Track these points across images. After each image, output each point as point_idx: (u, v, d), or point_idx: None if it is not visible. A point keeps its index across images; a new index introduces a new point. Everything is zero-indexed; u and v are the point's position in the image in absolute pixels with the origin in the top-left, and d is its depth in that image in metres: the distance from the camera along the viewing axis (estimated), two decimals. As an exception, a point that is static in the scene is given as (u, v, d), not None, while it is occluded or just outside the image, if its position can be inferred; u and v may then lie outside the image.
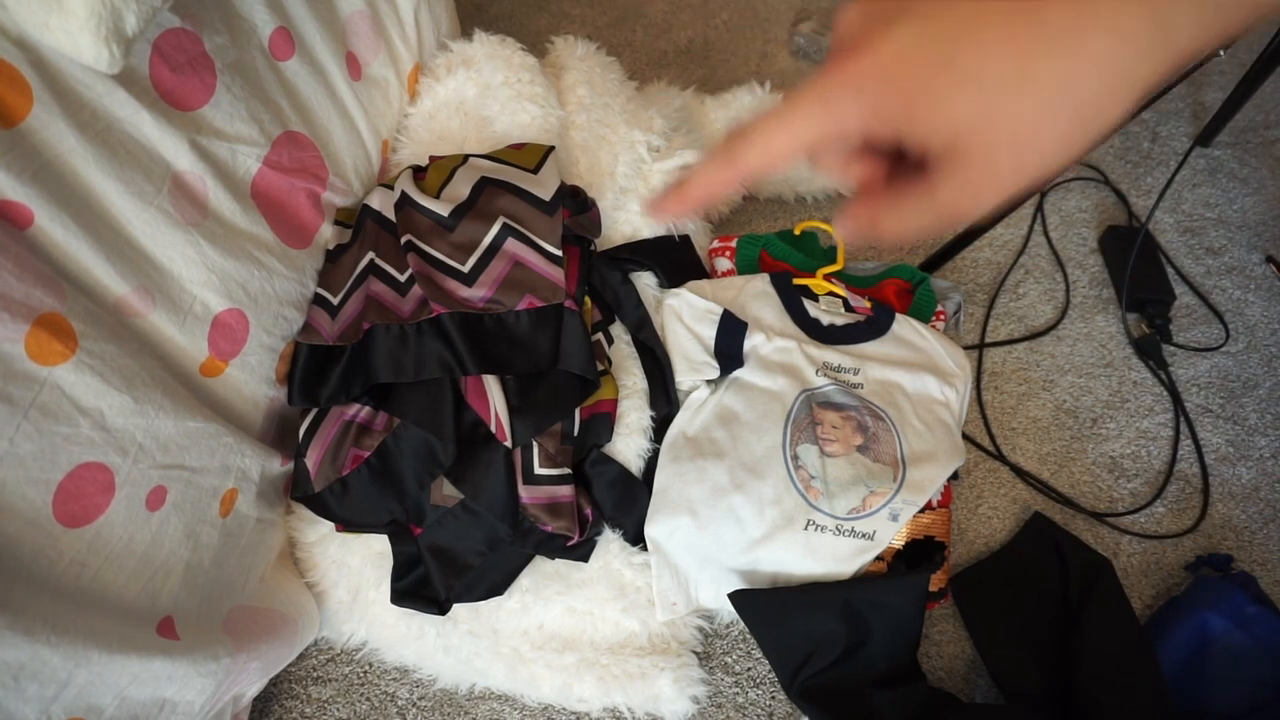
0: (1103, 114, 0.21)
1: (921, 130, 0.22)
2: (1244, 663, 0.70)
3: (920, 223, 0.24)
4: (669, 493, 0.72)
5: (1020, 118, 0.21)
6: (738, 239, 0.89)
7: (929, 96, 0.22)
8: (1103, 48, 0.20)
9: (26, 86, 0.47)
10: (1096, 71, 0.20)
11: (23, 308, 0.46)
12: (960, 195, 0.23)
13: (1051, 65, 0.20)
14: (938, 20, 0.21)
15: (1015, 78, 0.21)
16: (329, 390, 0.68)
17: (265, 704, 0.75)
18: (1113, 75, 0.20)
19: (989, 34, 0.21)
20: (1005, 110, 0.21)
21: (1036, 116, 0.21)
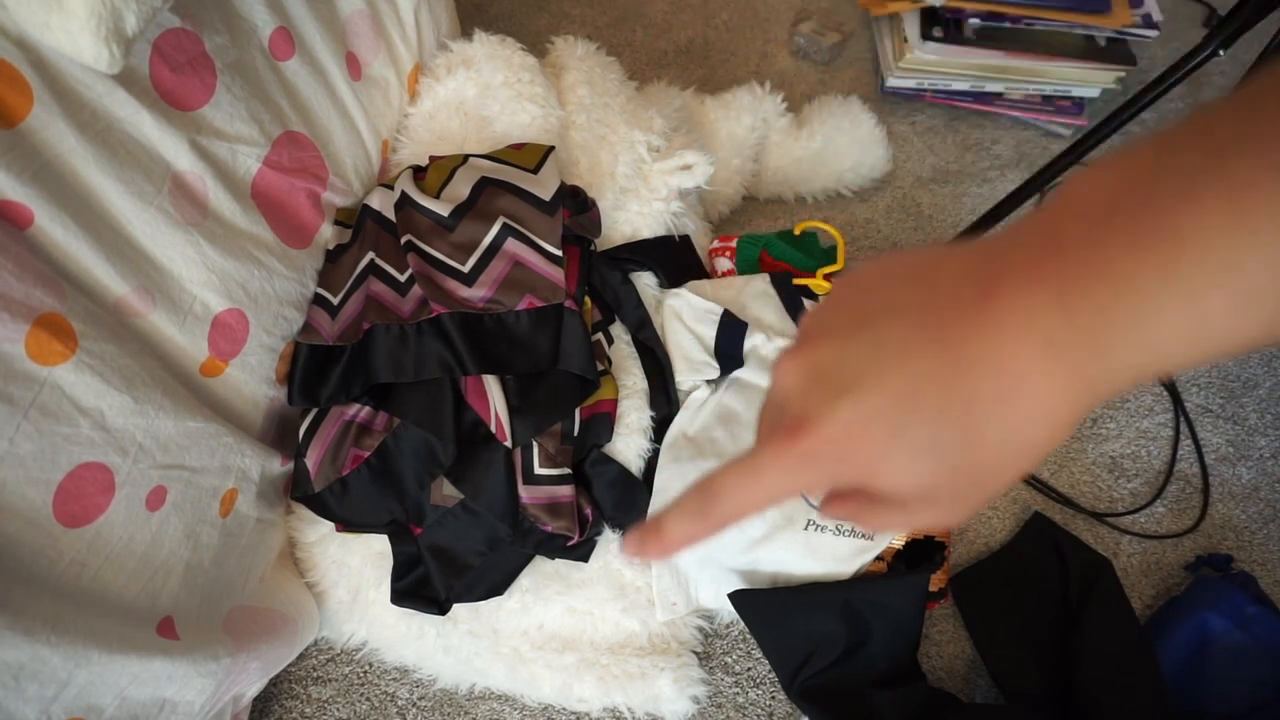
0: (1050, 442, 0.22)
1: (885, 488, 0.24)
2: (1244, 663, 0.70)
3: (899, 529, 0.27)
4: (669, 493, 0.72)
5: (978, 468, 0.23)
6: (738, 239, 0.89)
7: (887, 464, 0.23)
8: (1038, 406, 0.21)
9: (26, 86, 0.47)
10: (1035, 425, 0.22)
11: (23, 308, 0.46)
12: (936, 520, 0.25)
13: (995, 427, 0.22)
14: (876, 395, 0.22)
15: (963, 441, 0.22)
16: (329, 390, 0.68)
17: (265, 704, 0.75)
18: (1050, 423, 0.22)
19: (929, 408, 0.22)
20: (961, 468, 0.23)
21: (992, 463, 0.22)
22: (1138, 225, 0.19)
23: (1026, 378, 0.21)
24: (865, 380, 0.23)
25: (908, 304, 0.23)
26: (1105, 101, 1.12)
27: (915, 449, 0.22)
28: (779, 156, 1.02)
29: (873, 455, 0.23)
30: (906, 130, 1.14)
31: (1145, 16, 1.07)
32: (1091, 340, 0.20)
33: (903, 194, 1.08)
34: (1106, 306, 0.19)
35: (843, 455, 0.23)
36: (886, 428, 0.22)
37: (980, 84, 1.11)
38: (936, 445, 0.22)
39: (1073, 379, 0.21)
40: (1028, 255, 0.21)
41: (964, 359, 0.21)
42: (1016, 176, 1.08)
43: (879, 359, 0.23)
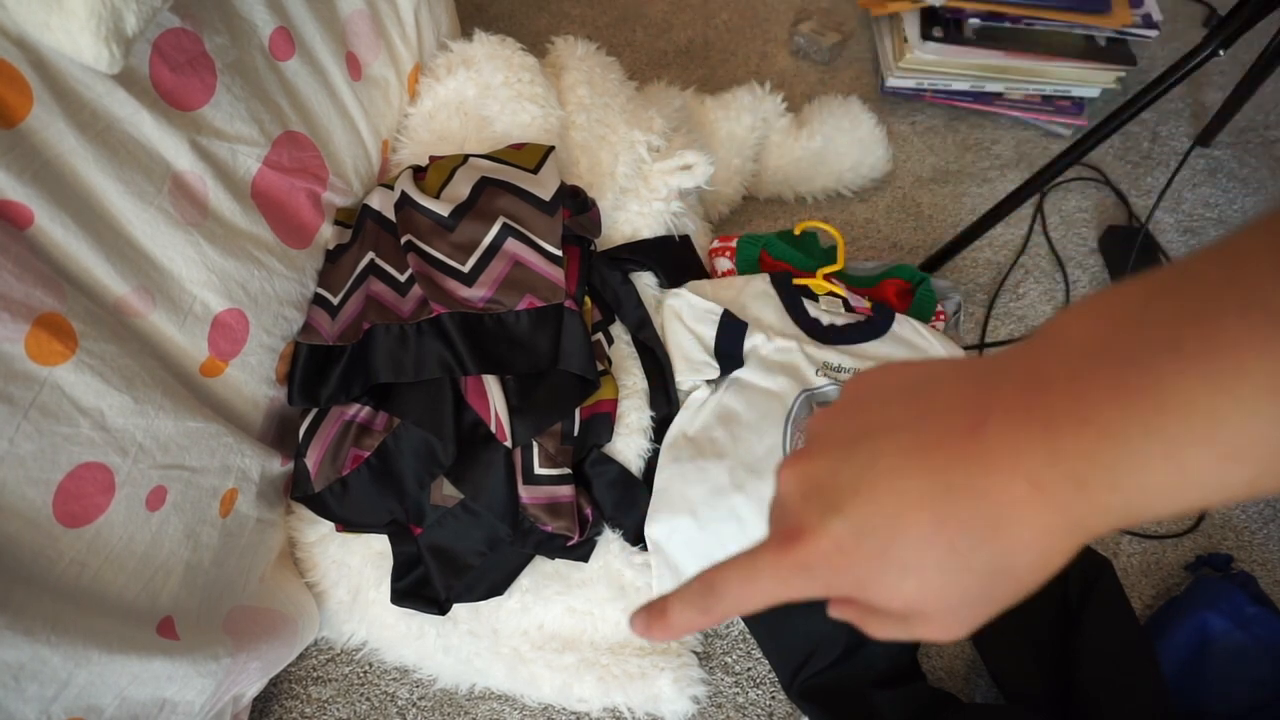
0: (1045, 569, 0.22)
1: (878, 603, 0.24)
2: (1244, 663, 0.70)
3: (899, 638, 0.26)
4: (669, 493, 0.72)
5: (966, 592, 0.23)
6: (738, 239, 0.89)
7: (877, 581, 0.24)
8: (1024, 541, 0.22)
9: (26, 86, 0.47)
10: (1025, 554, 0.22)
11: (23, 308, 0.46)
12: (930, 635, 0.25)
13: (983, 554, 0.22)
14: (867, 513, 0.23)
15: (952, 564, 0.22)
16: (329, 390, 0.68)
17: (265, 704, 0.75)
18: (1041, 554, 0.22)
19: (919, 529, 0.22)
20: (949, 589, 0.23)
21: (980, 588, 0.23)
22: (1122, 376, 0.19)
23: (1013, 510, 0.21)
24: (858, 497, 0.23)
25: (902, 423, 0.24)
26: (1105, 101, 1.12)
27: (904, 569, 0.23)
28: (779, 156, 1.02)
29: (863, 571, 0.24)
30: (906, 130, 1.14)
31: (1145, 16, 1.07)
32: (1077, 484, 0.20)
33: (903, 194, 1.08)
34: (1090, 453, 0.20)
35: (835, 568, 0.24)
36: (876, 546, 0.23)
37: (980, 84, 1.11)
38: (924, 567, 0.23)
39: (1060, 517, 0.21)
40: (1015, 391, 0.22)
41: (953, 485, 0.22)
42: (1016, 176, 1.08)
43: (871, 478, 0.23)
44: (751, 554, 0.26)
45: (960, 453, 0.22)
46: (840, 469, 0.24)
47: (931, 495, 0.22)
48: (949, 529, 0.22)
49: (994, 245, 1.03)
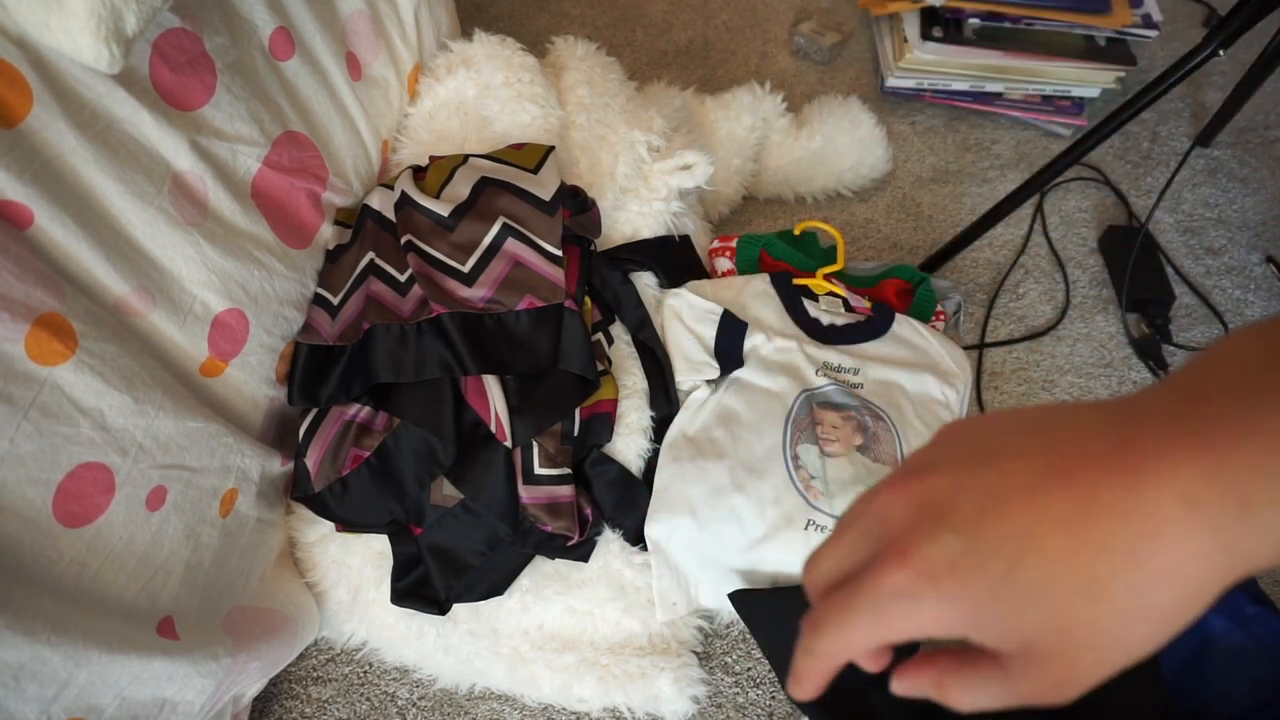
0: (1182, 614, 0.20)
1: (992, 638, 0.22)
2: (1244, 662, 0.70)
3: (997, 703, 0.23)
4: (669, 493, 0.72)
5: (1097, 625, 0.21)
6: (738, 239, 0.89)
7: (994, 608, 0.21)
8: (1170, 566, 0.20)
9: (26, 86, 0.47)
10: (1167, 584, 0.20)
11: (23, 308, 0.46)
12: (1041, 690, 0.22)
13: (1121, 583, 0.20)
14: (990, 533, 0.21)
15: (1087, 591, 0.20)
16: (329, 390, 0.68)
17: (265, 704, 0.75)
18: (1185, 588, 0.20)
19: (1052, 547, 0.20)
20: (1081, 620, 0.20)
21: (1114, 624, 0.21)
22: None
23: (1163, 532, 0.19)
24: (985, 515, 0.21)
25: (1032, 448, 0.22)
26: (1105, 101, 1.12)
27: (1030, 594, 0.20)
28: (779, 156, 1.02)
29: (981, 595, 0.21)
30: (906, 130, 1.14)
31: (1145, 16, 1.07)
32: (1239, 501, 0.19)
33: (903, 194, 1.08)
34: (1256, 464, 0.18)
35: (946, 594, 0.21)
36: (1002, 566, 0.21)
37: (980, 84, 1.11)
38: (1055, 593, 0.20)
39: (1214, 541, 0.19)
40: (1167, 412, 0.20)
41: (1095, 504, 0.20)
42: (1016, 176, 1.08)
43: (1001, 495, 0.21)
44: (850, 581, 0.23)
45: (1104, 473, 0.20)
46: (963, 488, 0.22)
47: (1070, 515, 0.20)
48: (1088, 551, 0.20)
49: (994, 245, 1.03)
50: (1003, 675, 0.22)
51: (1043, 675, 0.22)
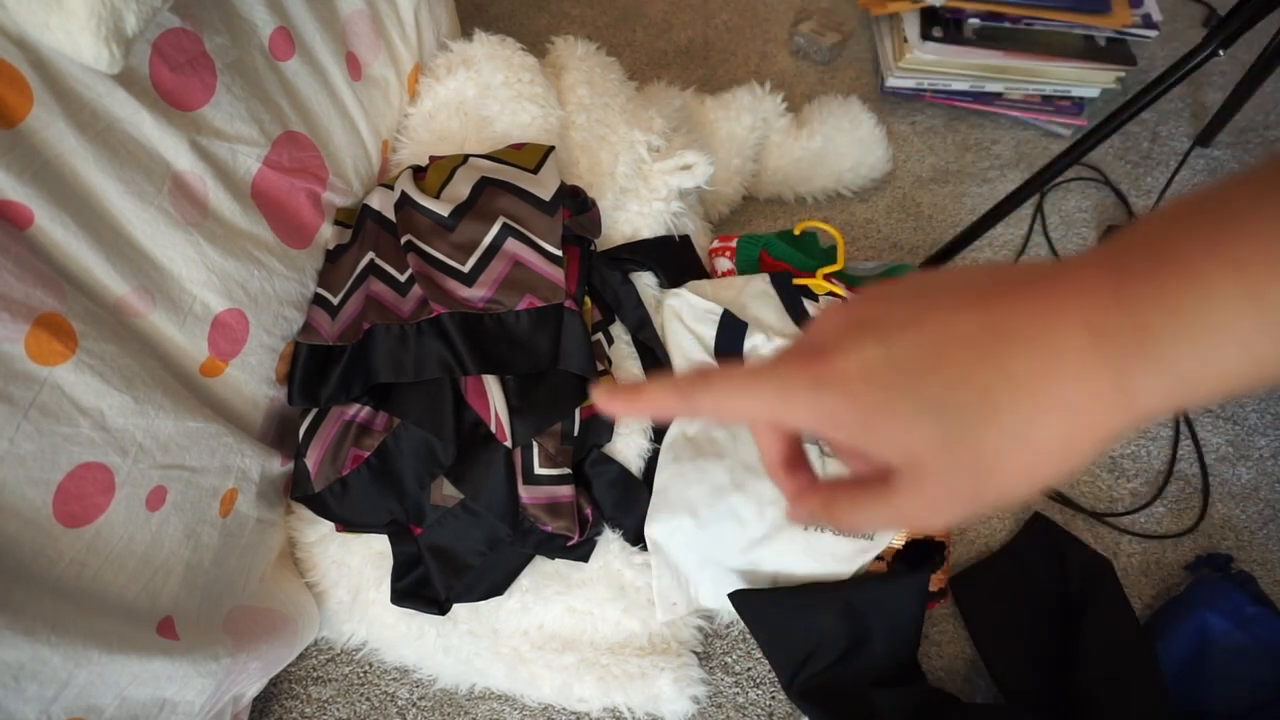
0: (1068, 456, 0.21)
1: (879, 446, 0.22)
2: (1244, 662, 0.70)
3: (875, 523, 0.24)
4: (669, 493, 0.72)
5: (981, 447, 0.21)
6: (738, 239, 0.89)
7: (889, 417, 0.22)
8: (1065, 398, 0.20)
9: (26, 86, 0.47)
10: (1058, 418, 0.20)
11: (23, 308, 0.46)
12: (916, 509, 0.23)
13: (1013, 405, 0.20)
14: (907, 345, 0.22)
15: (979, 410, 0.21)
16: (329, 390, 0.68)
17: (265, 704, 0.75)
18: (1075, 423, 0.20)
19: (954, 368, 0.21)
20: (965, 440, 0.21)
21: (997, 449, 0.21)
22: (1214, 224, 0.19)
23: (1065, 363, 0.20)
24: (906, 330, 0.22)
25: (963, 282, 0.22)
26: (1105, 101, 1.12)
27: (925, 406, 0.21)
28: (779, 156, 1.02)
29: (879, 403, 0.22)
30: (906, 130, 1.14)
31: (1145, 16, 1.07)
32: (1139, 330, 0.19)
33: (903, 194, 1.08)
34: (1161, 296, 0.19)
35: (852, 394, 0.22)
36: (905, 377, 0.21)
37: (980, 84, 1.11)
38: (946, 409, 0.21)
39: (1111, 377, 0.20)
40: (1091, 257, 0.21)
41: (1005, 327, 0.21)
42: (1016, 176, 1.08)
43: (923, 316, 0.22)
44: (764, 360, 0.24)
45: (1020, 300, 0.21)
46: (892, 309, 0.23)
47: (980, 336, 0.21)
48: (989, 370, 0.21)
49: (994, 245, 1.03)
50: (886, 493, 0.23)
51: (920, 493, 0.22)
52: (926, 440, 0.21)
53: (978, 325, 0.21)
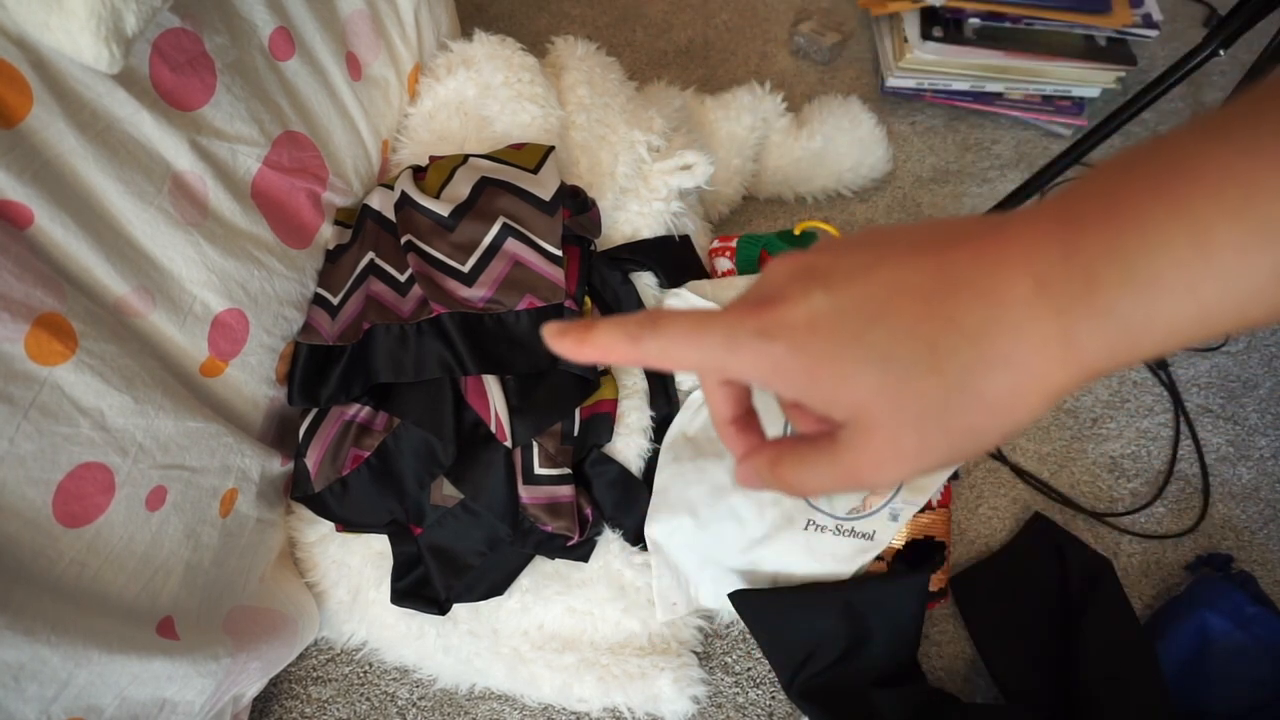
0: (1015, 410, 0.20)
1: (823, 398, 0.22)
2: (1244, 663, 0.70)
3: (824, 484, 0.24)
4: (669, 493, 0.72)
5: (926, 399, 0.21)
6: (738, 239, 0.89)
7: (834, 368, 0.21)
8: (1010, 351, 0.20)
9: (26, 86, 0.47)
10: (1004, 372, 0.20)
11: (23, 307, 0.46)
12: (862, 465, 0.22)
13: (958, 357, 0.20)
14: (854, 295, 0.22)
15: (925, 361, 0.20)
16: (329, 390, 0.68)
17: (265, 704, 0.75)
18: (1020, 376, 0.20)
19: (900, 318, 0.21)
20: (909, 392, 0.21)
21: (943, 402, 0.21)
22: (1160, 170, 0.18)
23: (1011, 313, 0.20)
24: (854, 280, 0.22)
25: (919, 234, 0.22)
26: (1105, 101, 1.12)
27: (869, 356, 0.21)
28: (779, 156, 1.02)
29: (824, 353, 0.21)
30: (906, 130, 1.14)
31: (1145, 16, 1.07)
32: (1086, 279, 0.19)
33: (903, 194, 1.08)
34: (1108, 243, 0.18)
35: (797, 344, 0.22)
36: (851, 327, 0.21)
37: (980, 84, 1.11)
38: (891, 360, 0.21)
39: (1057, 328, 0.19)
40: (1045, 205, 0.20)
41: (954, 278, 0.20)
42: (1016, 176, 1.08)
43: (872, 266, 0.22)
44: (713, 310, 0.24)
45: (968, 251, 0.21)
46: (841, 260, 0.22)
47: (928, 288, 0.21)
48: (936, 322, 0.20)
49: (994, 245, 1.02)
50: (833, 448, 0.22)
51: (867, 448, 0.22)
52: (871, 391, 0.21)
53: (926, 275, 0.21)
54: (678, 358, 0.24)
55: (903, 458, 0.22)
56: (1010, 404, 0.20)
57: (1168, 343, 0.19)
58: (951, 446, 0.21)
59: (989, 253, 0.20)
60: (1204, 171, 0.18)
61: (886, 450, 0.22)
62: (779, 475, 0.25)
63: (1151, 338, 0.19)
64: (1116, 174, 0.19)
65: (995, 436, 0.21)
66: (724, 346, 0.23)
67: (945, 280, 0.21)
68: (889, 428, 0.21)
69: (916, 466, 0.22)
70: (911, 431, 0.21)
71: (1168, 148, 0.19)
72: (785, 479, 0.24)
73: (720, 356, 0.23)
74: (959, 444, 0.21)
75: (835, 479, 0.23)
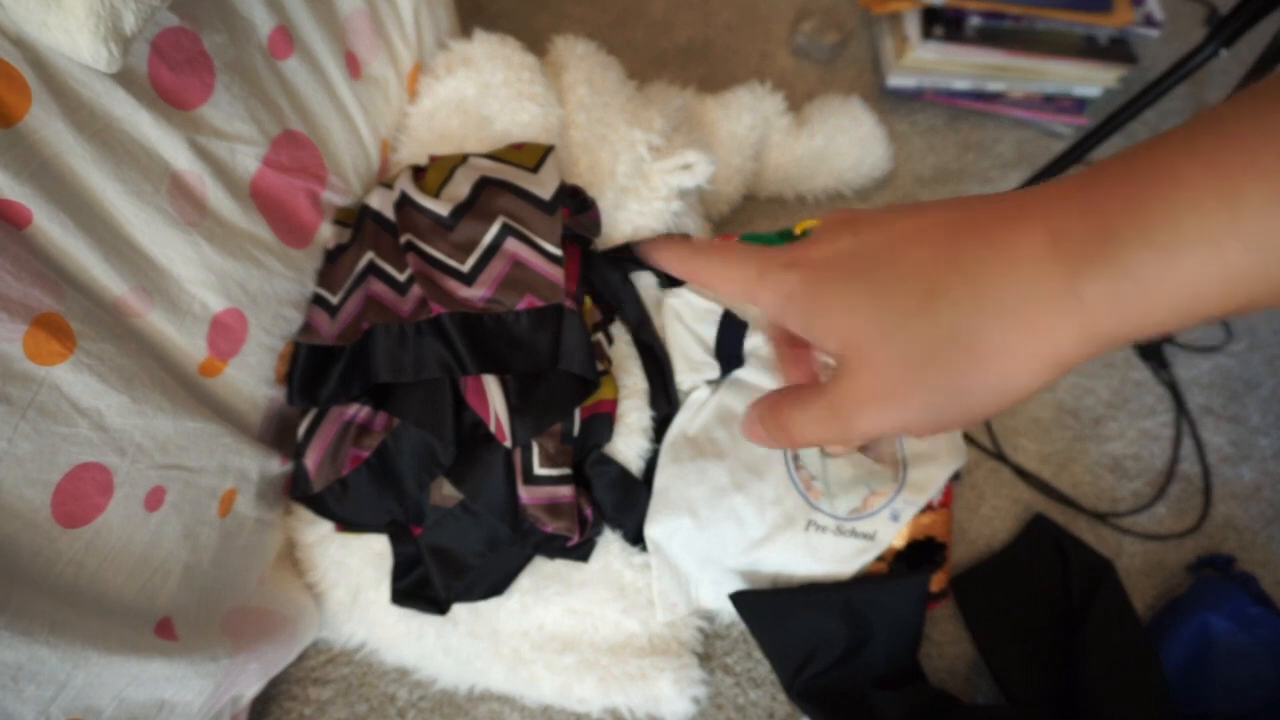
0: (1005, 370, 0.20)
1: (822, 328, 0.22)
2: (1246, 663, 0.70)
3: (813, 425, 0.24)
4: (669, 493, 0.72)
5: (913, 342, 0.20)
6: (738, 238, 0.89)
7: (836, 300, 0.22)
8: (1009, 302, 0.19)
9: (25, 86, 0.47)
10: (999, 323, 0.19)
11: (21, 307, 0.46)
12: (846, 402, 0.22)
13: (954, 301, 0.20)
14: (875, 239, 0.22)
15: (921, 303, 0.20)
16: (328, 390, 0.68)
17: (264, 705, 0.75)
18: (1018, 332, 0.19)
19: (909, 260, 0.21)
20: (900, 331, 0.21)
21: (929, 346, 0.20)
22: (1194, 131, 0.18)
23: (1018, 264, 0.19)
24: (878, 227, 0.22)
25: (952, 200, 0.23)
26: (1106, 101, 1.12)
27: (871, 292, 0.21)
28: (779, 156, 1.02)
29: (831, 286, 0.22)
30: (907, 129, 1.14)
31: (1147, 16, 1.06)
32: (1105, 233, 0.18)
33: (903, 193, 1.08)
34: (1134, 195, 0.18)
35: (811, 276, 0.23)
36: (862, 264, 0.22)
37: (981, 83, 1.11)
38: (891, 296, 0.21)
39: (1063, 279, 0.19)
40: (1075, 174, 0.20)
41: (969, 229, 0.21)
42: (1017, 176, 1.08)
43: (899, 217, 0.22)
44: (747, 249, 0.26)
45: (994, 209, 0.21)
46: (880, 213, 0.23)
47: (944, 234, 0.21)
48: (939, 265, 0.20)
49: (995, 245, 1.02)
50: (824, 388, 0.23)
51: (855, 384, 0.22)
52: (865, 325, 0.21)
53: (943, 226, 0.21)
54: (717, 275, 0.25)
55: (884, 398, 0.21)
56: (1002, 362, 0.20)
57: (1184, 310, 0.18)
58: (934, 399, 0.21)
59: (1009, 208, 0.20)
60: (1238, 131, 0.17)
61: (870, 388, 0.22)
62: (776, 416, 0.25)
63: (1168, 302, 0.18)
64: (1148, 144, 0.19)
65: (984, 398, 0.20)
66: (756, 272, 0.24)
67: (960, 229, 0.21)
68: (875, 365, 0.21)
69: (899, 415, 0.21)
70: (895, 371, 0.21)
71: (1206, 115, 0.18)
72: (781, 420, 0.25)
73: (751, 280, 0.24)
74: (943, 398, 0.21)
75: (823, 418, 0.23)
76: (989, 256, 0.20)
